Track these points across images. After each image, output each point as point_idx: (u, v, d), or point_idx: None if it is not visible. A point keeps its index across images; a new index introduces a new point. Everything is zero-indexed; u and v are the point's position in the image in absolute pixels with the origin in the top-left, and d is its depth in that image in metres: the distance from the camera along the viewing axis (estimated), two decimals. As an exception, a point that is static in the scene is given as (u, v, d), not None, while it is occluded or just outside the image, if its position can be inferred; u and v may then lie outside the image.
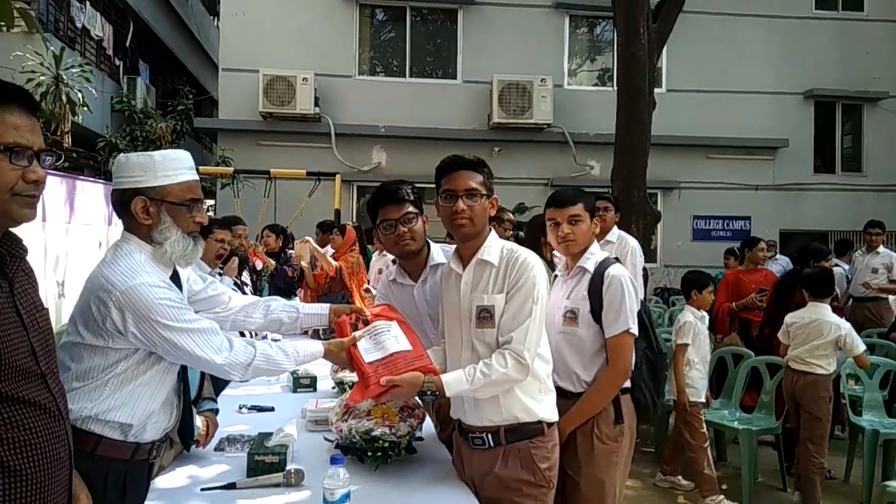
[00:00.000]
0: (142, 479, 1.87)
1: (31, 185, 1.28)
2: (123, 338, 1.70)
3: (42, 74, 9.11)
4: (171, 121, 11.68)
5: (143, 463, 1.84)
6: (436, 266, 2.50)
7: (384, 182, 2.49)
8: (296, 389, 3.38)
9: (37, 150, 1.29)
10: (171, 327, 1.71)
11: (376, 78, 11.63)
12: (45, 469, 1.26)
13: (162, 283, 1.76)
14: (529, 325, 2.02)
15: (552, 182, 11.43)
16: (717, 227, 11.92)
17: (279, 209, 8.22)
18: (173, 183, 1.79)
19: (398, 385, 1.97)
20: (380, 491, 2.09)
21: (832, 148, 12.65)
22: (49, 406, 1.29)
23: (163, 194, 1.78)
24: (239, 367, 1.82)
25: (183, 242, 1.80)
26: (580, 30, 12.15)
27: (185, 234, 1.81)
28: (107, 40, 12.49)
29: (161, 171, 1.79)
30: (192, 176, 1.85)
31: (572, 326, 2.53)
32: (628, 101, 6.24)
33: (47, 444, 1.27)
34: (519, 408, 2.09)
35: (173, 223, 1.79)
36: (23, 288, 1.33)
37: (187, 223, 1.81)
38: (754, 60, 11.89)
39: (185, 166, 1.83)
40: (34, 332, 1.30)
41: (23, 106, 1.29)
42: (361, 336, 2.13)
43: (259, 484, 2.08)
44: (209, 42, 18.08)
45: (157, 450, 1.89)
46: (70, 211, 7.31)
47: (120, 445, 1.75)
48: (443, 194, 2.16)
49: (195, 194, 1.84)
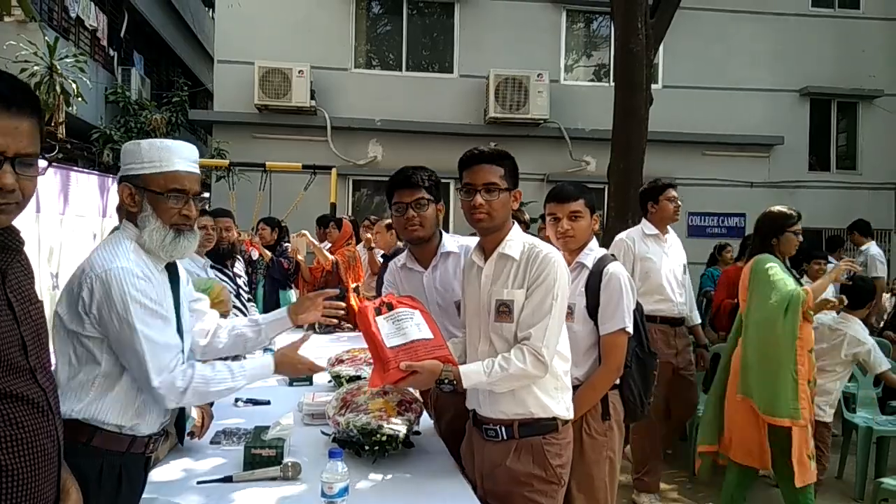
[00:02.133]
0: (138, 473, 1.85)
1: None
2: (88, 321, 1.68)
3: (36, 64, 9.02)
4: (165, 112, 11.60)
5: (140, 457, 1.83)
6: (447, 254, 2.52)
7: (405, 166, 2.51)
8: (292, 383, 3.37)
9: (11, 155, 1.19)
10: (131, 324, 1.67)
11: (372, 71, 11.59)
12: (32, 465, 1.24)
13: (141, 273, 1.73)
14: (549, 323, 2.01)
15: (548, 178, 11.42)
16: (713, 224, 11.93)
17: (274, 202, 8.19)
18: (156, 172, 1.77)
19: (417, 371, 1.97)
20: (377, 485, 2.09)
21: (827, 145, 12.68)
22: (38, 401, 1.27)
23: (145, 182, 1.78)
24: (174, 391, 1.74)
25: (161, 232, 1.78)
26: (577, 25, 12.13)
27: (164, 225, 1.78)
28: (101, 31, 12.39)
29: (147, 160, 1.78)
30: (184, 167, 1.81)
31: (568, 322, 2.53)
32: (625, 96, 6.22)
33: (35, 439, 1.24)
34: (534, 403, 2.09)
35: (153, 212, 1.78)
36: (16, 279, 1.30)
37: (169, 214, 1.78)
38: (750, 57, 11.89)
39: (176, 157, 1.80)
40: (26, 325, 1.27)
41: (5, 106, 1.18)
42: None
43: (256, 477, 2.07)
44: (204, 33, 17.97)
45: (154, 443, 1.87)
46: (64, 202, 7.26)
47: (115, 437, 1.74)
48: (462, 188, 2.15)
49: (181, 185, 1.79)
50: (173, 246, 1.79)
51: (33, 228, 5.00)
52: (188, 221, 1.82)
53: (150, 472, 2.01)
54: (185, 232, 1.82)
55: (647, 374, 2.62)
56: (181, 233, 1.81)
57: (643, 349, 2.61)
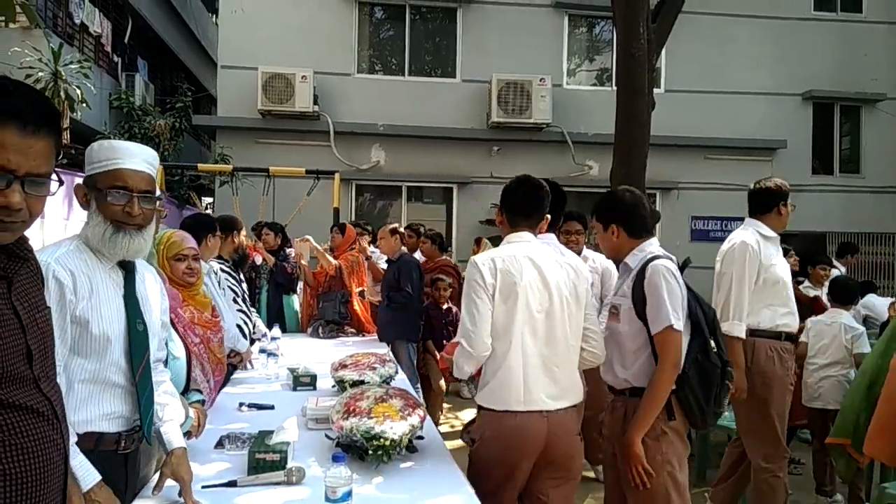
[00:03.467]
0: (115, 471, 1.82)
1: (1, 209, 1.19)
2: None
3: (40, 70, 9.08)
4: (169, 118, 11.65)
5: (112, 454, 1.82)
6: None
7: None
8: (296, 388, 3.39)
9: (21, 174, 1.19)
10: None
11: (375, 76, 11.61)
12: (38, 473, 1.24)
13: (65, 268, 1.72)
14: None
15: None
16: (716, 228, 11.91)
17: (278, 207, 8.20)
18: (103, 171, 1.80)
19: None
20: (380, 489, 2.10)
21: (830, 149, 12.66)
22: (43, 410, 1.27)
23: (94, 182, 1.81)
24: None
25: (100, 227, 1.79)
26: (579, 29, 12.14)
27: (105, 220, 1.78)
28: (105, 37, 12.45)
29: (97, 160, 1.82)
30: (129, 165, 1.81)
31: (614, 322, 2.56)
32: (627, 101, 6.23)
33: (40, 448, 1.25)
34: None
35: (97, 209, 1.81)
36: (23, 288, 1.30)
37: (110, 210, 1.79)
38: (753, 61, 11.89)
39: (121, 155, 1.81)
40: (32, 334, 1.28)
41: (21, 125, 1.18)
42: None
43: (260, 482, 2.08)
44: (208, 39, 18.04)
45: (125, 441, 1.86)
46: (69, 207, 7.31)
47: (79, 435, 1.73)
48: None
49: (123, 182, 1.79)
50: (112, 242, 1.79)
51: (38, 235, 5.03)
52: (130, 220, 1.80)
53: (153, 476, 1.99)
54: (128, 229, 1.80)
55: (709, 382, 2.45)
56: (121, 229, 1.79)
57: (707, 356, 2.45)
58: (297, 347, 4.65)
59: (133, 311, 1.86)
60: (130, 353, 1.83)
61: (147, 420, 1.88)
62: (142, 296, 1.92)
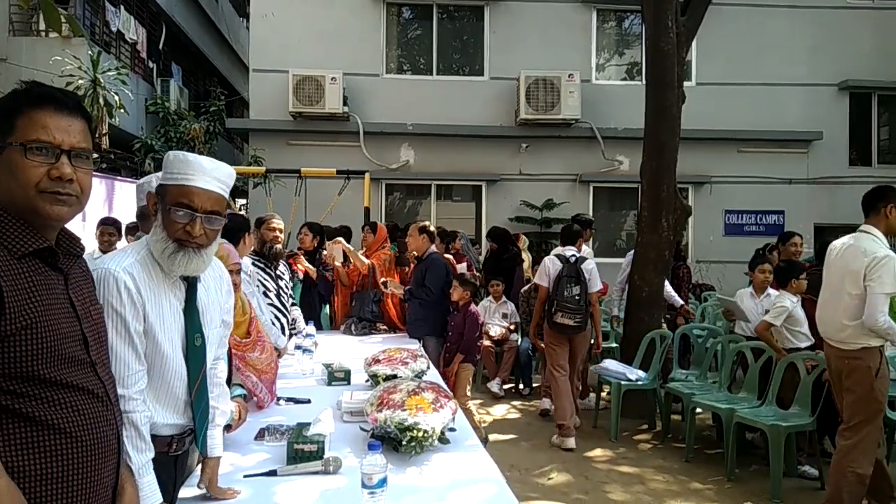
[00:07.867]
0: (165, 472, 1.83)
1: (55, 181, 1.30)
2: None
3: (80, 78, 9.35)
4: (203, 122, 11.88)
5: (163, 455, 1.82)
6: None
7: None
8: (330, 382, 3.47)
9: (67, 148, 1.32)
10: (106, 325, 1.59)
11: (404, 76, 11.70)
12: (95, 448, 1.33)
13: (131, 278, 1.70)
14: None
15: (581, 178, 11.40)
16: (750, 222, 11.74)
17: (310, 207, 8.33)
18: (173, 184, 1.77)
19: None
20: (414, 480, 2.15)
21: (868, 139, 12.36)
22: (99, 392, 1.37)
23: (163, 192, 1.79)
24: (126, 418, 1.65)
25: (161, 244, 1.75)
26: (608, 24, 12.06)
27: (167, 237, 1.75)
28: (140, 44, 12.76)
29: (169, 171, 1.80)
30: (199, 183, 1.77)
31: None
32: (657, 95, 6.20)
33: (97, 426, 1.34)
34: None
35: (161, 223, 1.78)
36: (77, 282, 1.41)
37: (173, 227, 1.75)
38: (786, 52, 11.68)
39: (193, 171, 1.77)
40: (87, 323, 1.39)
41: (57, 107, 1.33)
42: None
43: (299, 471, 2.15)
44: (239, 43, 18.35)
45: (177, 443, 1.88)
46: (108, 210, 7.54)
47: None
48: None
49: (188, 201, 1.74)
50: (171, 260, 1.75)
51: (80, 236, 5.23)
52: (191, 239, 1.75)
53: (198, 467, 2.04)
54: (188, 249, 1.75)
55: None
56: (182, 248, 1.75)
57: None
58: (331, 344, 4.74)
59: (192, 326, 1.84)
60: (188, 367, 1.83)
61: (202, 433, 1.90)
62: (203, 307, 1.89)
